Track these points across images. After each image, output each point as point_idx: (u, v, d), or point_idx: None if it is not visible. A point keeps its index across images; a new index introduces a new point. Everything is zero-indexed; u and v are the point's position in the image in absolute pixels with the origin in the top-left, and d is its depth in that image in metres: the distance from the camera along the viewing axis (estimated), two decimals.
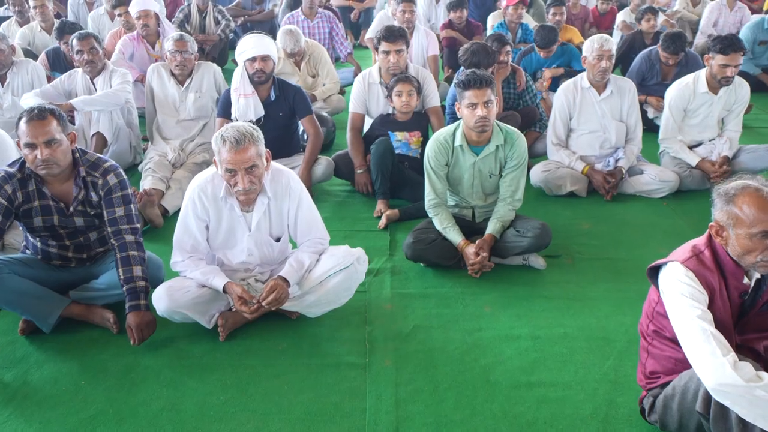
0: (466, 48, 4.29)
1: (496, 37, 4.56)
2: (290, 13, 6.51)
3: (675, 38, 5.11)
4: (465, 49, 4.29)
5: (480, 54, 4.19)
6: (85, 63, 4.36)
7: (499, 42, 4.48)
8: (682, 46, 5.12)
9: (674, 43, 5.09)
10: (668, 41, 5.09)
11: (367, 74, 4.29)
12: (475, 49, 4.23)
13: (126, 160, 4.56)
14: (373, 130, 4.25)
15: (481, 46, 4.23)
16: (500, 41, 4.50)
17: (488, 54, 4.21)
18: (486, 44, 4.31)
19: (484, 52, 4.20)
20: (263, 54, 3.90)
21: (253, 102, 3.99)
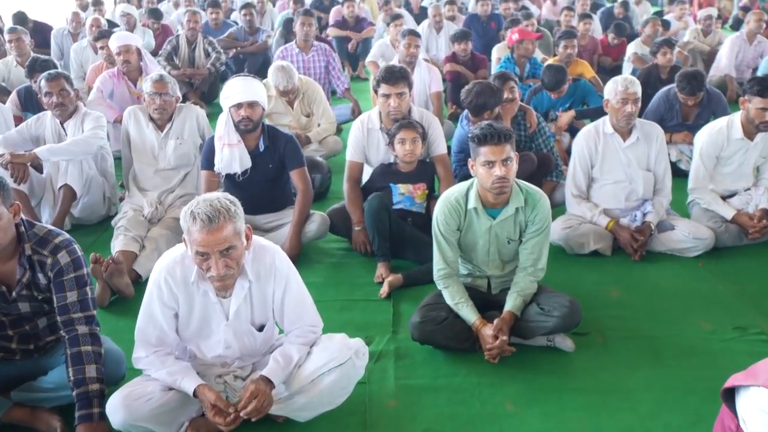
0: (468, 89, 3.88)
1: (499, 74, 4.17)
2: (283, 47, 6.12)
3: (691, 78, 4.68)
4: (468, 90, 3.89)
5: (485, 94, 3.79)
6: (54, 106, 3.94)
7: (501, 78, 4.08)
8: (700, 86, 4.71)
9: (690, 84, 4.67)
10: (684, 82, 4.67)
11: (366, 119, 3.87)
12: (479, 90, 3.83)
13: (98, 213, 4.12)
14: (373, 182, 3.82)
15: (485, 86, 3.83)
16: (502, 77, 4.10)
17: (494, 93, 3.82)
18: (490, 83, 3.91)
19: (489, 92, 3.80)
20: (250, 100, 3.47)
21: (238, 153, 3.56)
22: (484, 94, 3.80)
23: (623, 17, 10.40)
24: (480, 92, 3.80)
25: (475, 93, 3.81)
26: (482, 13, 9.02)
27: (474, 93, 3.82)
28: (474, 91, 3.82)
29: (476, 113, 3.87)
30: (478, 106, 3.82)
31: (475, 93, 3.81)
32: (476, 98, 3.82)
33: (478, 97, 3.81)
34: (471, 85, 3.90)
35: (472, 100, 3.82)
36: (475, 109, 3.86)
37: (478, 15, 9.10)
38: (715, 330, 3.04)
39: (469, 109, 3.85)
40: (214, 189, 3.64)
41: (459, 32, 6.29)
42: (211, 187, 3.63)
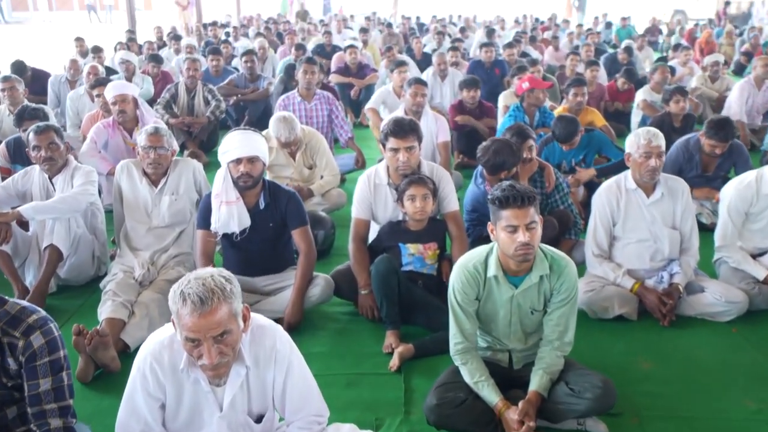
0: (486, 147, 3.66)
1: (517, 130, 3.94)
2: (285, 95, 5.93)
3: (723, 125, 4.48)
4: (485, 147, 3.66)
5: (504, 153, 3.57)
6: (42, 160, 3.71)
7: (519, 136, 3.86)
8: (731, 133, 4.51)
9: (723, 130, 4.46)
10: (715, 128, 4.46)
11: (373, 173, 3.64)
12: (497, 149, 3.61)
13: (87, 274, 3.86)
14: (380, 241, 3.58)
15: (504, 145, 3.61)
16: (521, 135, 3.88)
17: (513, 153, 3.60)
18: (509, 142, 3.68)
19: (508, 150, 3.58)
20: (250, 155, 3.25)
21: (237, 211, 3.31)
22: (503, 152, 3.58)
23: (627, 63, 10.34)
24: (498, 151, 3.58)
25: (493, 152, 3.59)
26: (486, 59, 8.92)
27: (492, 152, 3.59)
28: (492, 150, 3.60)
29: (493, 172, 3.66)
30: (496, 165, 3.61)
31: (493, 152, 3.59)
32: (494, 157, 3.59)
33: (496, 156, 3.58)
34: (489, 143, 3.66)
35: (490, 159, 3.59)
36: (493, 168, 3.64)
37: (481, 61, 9.01)
38: (761, 409, 2.75)
39: (486, 167, 3.62)
40: (210, 250, 3.40)
41: (468, 79, 6.12)
42: (207, 247, 3.38)
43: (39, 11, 31.98)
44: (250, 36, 14.80)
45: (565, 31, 15.97)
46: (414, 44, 11.13)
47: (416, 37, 11.39)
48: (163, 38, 12.72)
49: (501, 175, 3.61)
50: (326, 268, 3.95)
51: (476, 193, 3.78)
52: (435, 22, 19.23)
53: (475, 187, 3.81)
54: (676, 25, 18.47)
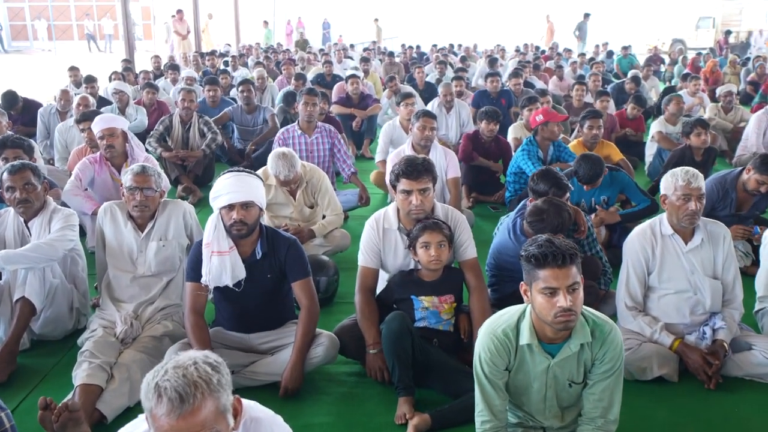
0: (539, 210, 3.22)
1: (554, 181, 3.54)
2: (284, 128, 5.62)
3: None
4: (539, 211, 3.22)
5: (559, 217, 3.18)
6: (17, 202, 3.37)
7: (559, 188, 3.52)
8: None
9: None
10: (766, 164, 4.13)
11: (381, 217, 3.30)
12: (553, 213, 3.19)
13: (64, 328, 3.48)
14: (389, 292, 3.22)
15: (559, 208, 3.21)
16: (560, 187, 3.53)
17: (569, 216, 3.25)
18: (564, 205, 3.29)
19: (566, 215, 3.21)
20: (244, 200, 2.91)
21: (230, 262, 2.96)
22: (559, 217, 3.18)
23: (635, 92, 10.08)
24: (554, 215, 3.17)
25: (549, 218, 3.17)
26: (492, 89, 8.67)
27: (548, 218, 3.17)
28: (548, 216, 3.18)
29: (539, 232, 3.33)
30: (541, 230, 3.26)
31: (549, 218, 3.17)
32: (551, 223, 3.18)
33: (552, 222, 3.18)
34: (544, 206, 3.24)
35: (547, 226, 3.17)
36: (540, 231, 3.30)
37: (487, 91, 8.76)
38: None
39: (535, 230, 3.26)
40: (200, 305, 3.04)
41: (490, 110, 5.79)
42: (197, 302, 3.02)
43: (39, 40, 31.91)
44: (249, 65, 14.58)
45: (568, 60, 15.78)
46: (416, 74, 10.86)
47: (419, 67, 11.12)
48: (161, 68, 12.47)
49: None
50: (330, 318, 3.61)
51: (512, 249, 3.41)
52: (435, 51, 19.12)
53: (511, 241, 3.42)
54: (679, 54, 18.29)
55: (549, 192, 3.54)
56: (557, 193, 3.53)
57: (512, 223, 3.51)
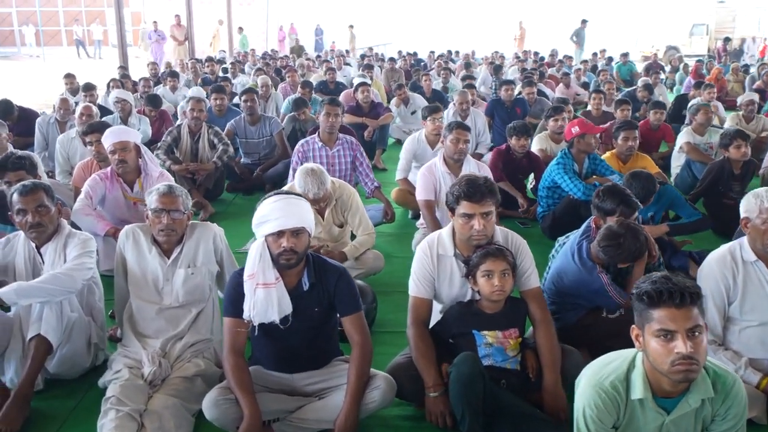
0: (614, 234, 2.98)
1: (622, 198, 3.27)
2: (304, 140, 5.30)
3: None
4: (613, 235, 2.98)
5: (628, 238, 2.94)
6: (29, 227, 3.03)
7: (628, 207, 3.24)
8: None
9: None
10: None
11: (435, 242, 2.99)
12: (630, 237, 2.96)
13: (81, 366, 3.13)
14: (446, 326, 2.91)
15: (631, 230, 2.96)
16: (629, 205, 3.25)
17: (638, 238, 2.97)
18: (638, 228, 3.02)
19: (633, 236, 2.95)
20: (295, 227, 2.60)
21: (276, 295, 2.63)
22: (636, 241, 2.95)
23: (647, 101, 9.86)
24: (631, 240, 2.94)
25: (627, 243, 2.93)
26: (506, 98, 8.42)
27: (626, 243, 2.94)
28: (625, 241, 2.94)
29: (618, 262, 3.05)
30: (628, 258, 3.00)
31: (627, 243, 2.93)
32: (628, 249, 2.95)
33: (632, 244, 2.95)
34: (619, 228, 3.00)
35: (623, 253, 2.95)
36: (621, 260, 3.02)
37: (501, 100, 8.51)
38: None
39: (613, 258, 2.98)
40: (241, 343, 2.70)
41: (519, 126, 5.45)
42: (237, 339, 2.69)
43: (26, 46, 31.38)
44: (246, 71, 14.23)
45: (571, 68, 15.59)
46: (423, 81, 10.58)
47: (425, 74, 10.86)
48: (158, 75, 12.11)
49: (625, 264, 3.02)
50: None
51: (576, 274, 3.12)
52: (433, 58, 18.87)
53: (575, 265, 3.13)
54: (678, 62, 18.17)
55: (617, 210, 3.28)
56: (626, 211, 3.26)
57: (576, 246, 3.22)
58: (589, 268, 3.15)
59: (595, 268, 3.13)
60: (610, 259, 3.03)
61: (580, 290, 3.19)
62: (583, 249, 3.19)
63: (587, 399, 1.99)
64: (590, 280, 3.13)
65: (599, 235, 3.08)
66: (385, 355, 3.09)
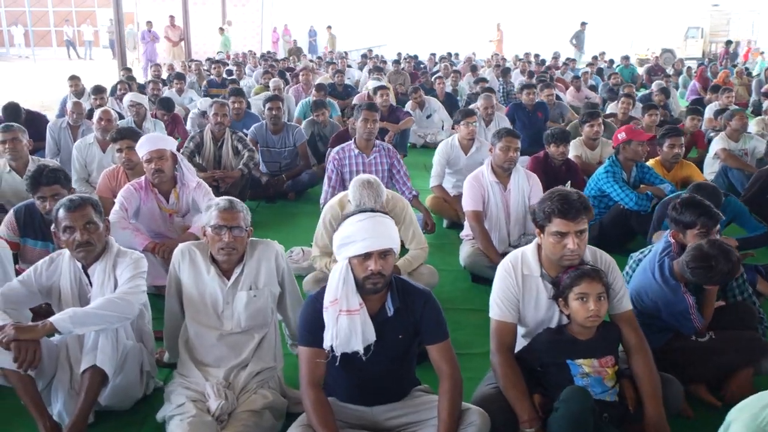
0: (705, 254, 2.80)
1: (703, 209, 3.07)
2: (339, 147, 5.07)
3: None
4: (704, 256, 2.80)
5: (720, 260, 2.76)
6: (76, 245, 2.78)
7: (709, 217, 3.05)
8: None
9: None
10: None
11: (519, 261, 2.77)
12: (722, 259, 2.78)
13: (134, 397, 2.88)
14: (534, 354, 2.69)
15: (722, 252, 2.78)
16: (710, 215, 3.06)
17: (730, 258, 2.78)
18: (726, 246, 2.83)
19: (725, 258, 2.77)
20: (384, 248, 2.37)
21: (361, 322, 2.41)
22: (729, 262, 2.76)
23: (663, 104, 9.72)
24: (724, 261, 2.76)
25: (719, 264, 2.76)
26: (527, 102, 8.22)
27: (718, 265, 2.77)
28: (717, 262, 2.77)
29: (709, 283, 2.85)
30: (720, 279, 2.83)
31: (719, 264, 2.76)
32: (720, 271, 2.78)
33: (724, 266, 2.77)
34: (710, 249, 2.81)
35: (714, 275, 2.78)
36: (713, 281, 2.82)
37: (522, 104, 8.31)
38: None
39: (703, 279, 2.79)
40: (320, 375, 2.47)
41: (557, 133, 5.24)
42: (316, 371, 2.45)
43: (16, 47, 30.83)
44: (247, 73, 13.94)
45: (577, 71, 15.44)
46: (436, 84, 10.39)
47: (438, 77, 10.66)
48: (161, 76, 11.80)
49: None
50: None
51: (658, 293, 2.92)
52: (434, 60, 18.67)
53: (657, 284, 2.94)
54: (680, 65, 18.11)
55: (697, 223, 3.08)
56: (708, 223, 3.06)
57: (658, 264, 3.02)
58: (672, 287, 2.96)
59: (679, 287, 2.94)
60: (699, 280, 2.84)
61: (661, 311, 3.00)
62: (666, 267, 3.00)
63: None
64: (674, 301, 2.94)
65: (687, 255, 2.88)
66: None
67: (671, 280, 2.96)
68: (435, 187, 5.54)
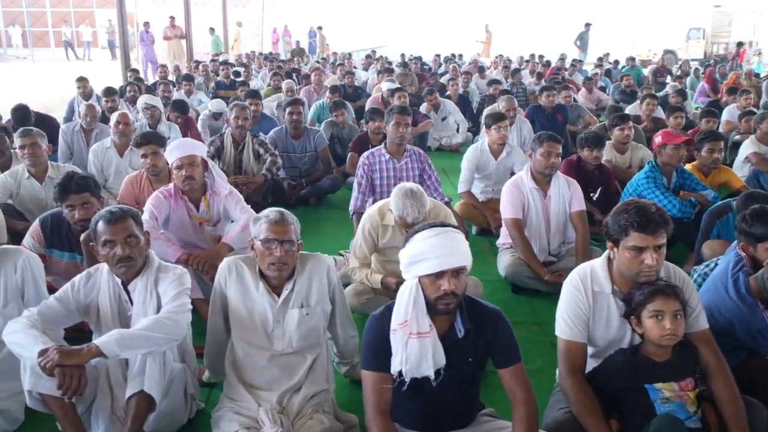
0: None
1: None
2: (369, 152, 4.89)
3: None
4: None
5: None
6: (117, 261, 2.60)
7: None
8: None
9: None
10: None
11: (588, 278, 2.60)
12: None
13: (179, 422, 2.70)
14: (608, 378, 2.52)
15: None
16: None
17: None
18: None
19: None
20: (458, 266, 2.21)
21: (431, 346, 2.24)
22: None
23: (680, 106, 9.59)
24: None
25: None
26: (547, 104, 8.06)
27: None
28: None
29: None
30: None
31: None
32: None
33: None
34: None
35: None
36: None
37: (541, 106, 8.15)
38: None
39: None
40: (387, 401, 2.30)
41: (592, 136, 5.06)
42: (383, 397, 2.28)
43: (13, 47, 30.55)
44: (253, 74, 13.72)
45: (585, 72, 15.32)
46: (450, 86, 10.23)
47: (452, 79, 10.50)
48: (167, 77, 11.59)
49: None
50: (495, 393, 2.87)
51: (732, 309, 2.76)
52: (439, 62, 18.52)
53: (731, 301, 2.77)
54: (688, 66, 17.99)
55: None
56: None
57: (732, 280, 2.86)
58: (750, 305, 2.79)
59: (757, 305, 2.78)
60: None
61: (736, 329, 2.84)
62: (741, 283, 2.83)
63: None
64: (752, 319, 2.78)
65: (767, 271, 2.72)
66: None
67: (748, 297, 2.80)
68: (464, 193, 5.38)
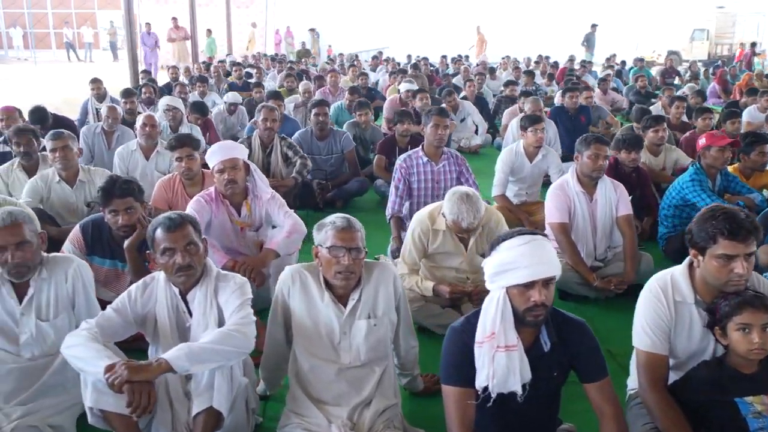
0: None
1: None
2: (407, 155, 4.78)
3: None
4: None
5: None
6: (176, 269, 2.49)
7: None
8: None
9: None
10: None
11: (669, 287, 2.49)
12: None
13: None
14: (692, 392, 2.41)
15: None
16: None
17: None
18: None
19: None
20: (549, 276, 2.11)
21: (519, 360, 2.13)
22: None
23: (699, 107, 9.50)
24: None
25: None
26: (570, 105, 7.95)
27: None
28: None
29: None
30: None
31: None
32: None
33: None
34: None
35: None
36: None
37: (564, 107, 8.04)
38: None
39: None
40: (471, 417, 2.19)
41: (630, 138, 4.94)
42: (467, 414, 2.17)
43: (14, 49, 30.37)
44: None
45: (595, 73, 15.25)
46: (466, 87, 10.12)
47: (470, 81, 10.38)
48: (179, 79, 11.47)
49: None
50: None
51: None
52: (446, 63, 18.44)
53: None
54: (697, 68, 17.92)
55: None
56: None
57: None
58: None
59: None
60: None
61: None
62: None
63: None
64: None
65: None
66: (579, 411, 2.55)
67: None
68: (498, 197, 5.27)
